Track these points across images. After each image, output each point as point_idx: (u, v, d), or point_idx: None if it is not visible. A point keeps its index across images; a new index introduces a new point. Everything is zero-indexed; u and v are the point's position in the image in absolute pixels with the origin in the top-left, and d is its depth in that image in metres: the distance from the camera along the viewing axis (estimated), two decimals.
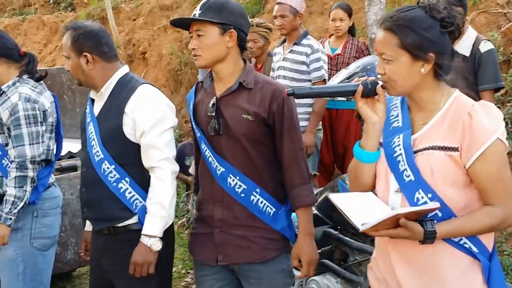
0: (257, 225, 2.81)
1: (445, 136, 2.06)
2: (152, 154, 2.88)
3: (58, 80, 5.51)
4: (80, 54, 2.96)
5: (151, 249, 2.83)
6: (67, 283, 5.32)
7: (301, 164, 2.80)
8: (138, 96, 2.92)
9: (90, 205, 3.04)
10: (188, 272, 5.39)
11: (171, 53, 9.57)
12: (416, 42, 2.04)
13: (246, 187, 2.78)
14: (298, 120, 2.85)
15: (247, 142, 2.77)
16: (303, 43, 5.08)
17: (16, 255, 3.41)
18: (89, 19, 11.54)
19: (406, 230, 1.97)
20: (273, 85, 2.80)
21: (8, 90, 3.39)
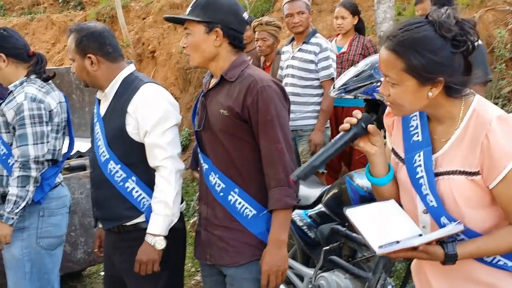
0: (234, 227, 2.71)
1: (465, 158, 1.94)
2: (156, 153, 2.88)
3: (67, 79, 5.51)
4: (84, 56, 2.98)
5: (155, 247, 2.84)
6: (77, 283, 5.33)
7: (277, 164, 2.61)
8: (140, 96, 2.92)
9: (99, 205, 3.07)
10: (198, 271, 5.37)
11: (181, 52, 9.55)
12: (424, 66, 1.86)
13: (225, 186, 2.69)
14: (281, 115, 2.64)
15: (225, 138, 2.67)
16: (311, 41, 5.08)
17: (23, 254, 3.41)
18: (98, 18, 11.59)
19: (426, 253, 1.94)
20: (251, 77, 2.64)
21: (15, 89, 3.40)
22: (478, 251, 1.95)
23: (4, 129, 3.40)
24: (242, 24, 2.75)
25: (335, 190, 3.58)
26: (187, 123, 8.68)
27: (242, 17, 2.75)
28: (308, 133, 5.09)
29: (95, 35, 2.99)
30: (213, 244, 2.77)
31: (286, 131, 2.65)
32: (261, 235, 2.69)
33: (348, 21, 5.71)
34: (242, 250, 2.69)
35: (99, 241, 3.33)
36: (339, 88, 3.44)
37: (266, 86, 2.60)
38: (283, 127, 2.63)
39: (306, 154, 5.09)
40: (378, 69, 3.39)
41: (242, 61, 2.73)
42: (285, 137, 2.64)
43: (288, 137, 2.66)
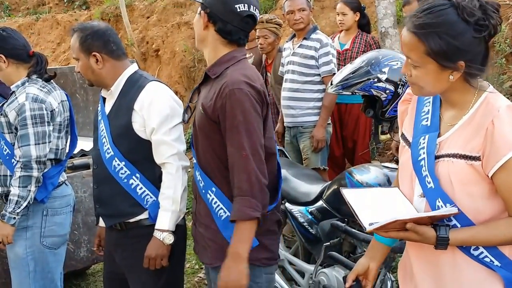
0: (212, 227, 2.64)
1: (468, 142, 1.93)
2: (162, 150, 2.92)
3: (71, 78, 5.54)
4: (89, 54, 3.00)
5: (164, 242, 2.88)
6: (81, 281, 5.35)
7: (240, 172, 2.45)
8: (146, 93, 2.96)
9: (102, 202, 3.09)
10: (201, 268, 5.40)
11: (184, 50, 9.59)
12: (444, 50, 1.84)
13: (204, 184, 2.65)
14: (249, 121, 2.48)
15: (201, 135, 2.63)
16: (312, 37, 5.10)
17: (26, 253, 3.43)
18: (103, 17, 11.62)
19: (416, 234, 1.91)
20: (225, 78, 2.52)
21: (17, 90, 3.42)
22: (472, 239, 1.93)
23: (7, 129, 3.42)
24: (231, 14, 2.58)
25: (335, 186, 3.59)
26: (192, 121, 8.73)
27: (232, 7, 2.57)
28: (309, 129, 5.11)
29: (99, 33, 3.02)
30: (198, 240, 2.78)
31: (254, 138, 2.48)
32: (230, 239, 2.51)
33: (348, 18, 5.71)
34: (216, 252, 2.60)
35: (99, 240, 3.36)
36: (336, 85, 3.44)
37: (236, 90, 2.47)
38: (250, 133, 2.47)
39: (307, 151, 5.11)
40: (374, 66, 3.40)
41: (231, 57, 2.62)
42: (252, 144, 2.47)
43: (256, 145, 2.48)
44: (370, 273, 2.30)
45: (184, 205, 2.98)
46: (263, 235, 2.61)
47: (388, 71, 3.38)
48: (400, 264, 2.29)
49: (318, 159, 5.13)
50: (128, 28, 10.41)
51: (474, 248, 1.97)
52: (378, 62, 3.40)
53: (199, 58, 9.29)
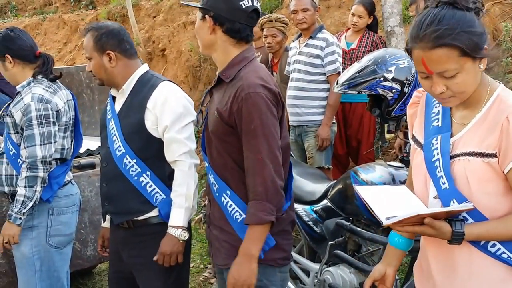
0: (227, 229, 2.64)
1: (483, 140, 1.93)
2: (174, 148, 2.95)
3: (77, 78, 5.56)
4: (103, 52, 3.02)
5: (179, 239, 2.92)
6: (87, 280, 5.35)
7: (256, 176, 2.45)
8: (159, 92, 2.98)
9: (111, 199, 3.10)
10: (206, 267, 5.41)
11: (190, 50, 9.60)
12: (475, 42, 1.85)
13: (219, 187, 2.63)
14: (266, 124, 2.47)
15: (216, 140, 2.60)
16: (318, 36, 5.10)
17: (32, 253, 3.44)
18: (109, 17, 11.67)
19: (432, 228, 1.90)
20: (240, 82, 2.50)
21: (22, 90, 3.43)
22: (487, 234, 1.93)
23: (13, 130, 3.43)
24: (237, 12, 2.55)
25: (340, 185, 3.60)
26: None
27: (237, 4, 2.55)
28: (314, 128, 5.11)
29: (114, 32, 3.05)
30: (212, 243, 2.77)
31: (271, 142, 2.48)
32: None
33: (364, 21, 5.70)
34: (231, 253, 2.57)
35: (102, 240, 3.37)
36: (342, 84, 3.45)
37: (252, 93, 2.46)
38: (267, 137, 2.47)
39: (312, 150, 5.12)
40: (381, 65, 3.40)
41: (242, 58, 2.60)
42: (269, 148, 2.47)
43: (273, 148, 2.49)
44: (387, 279, 2.28)
45: (196, 202, 3.02)
46: (278, 235, 2.62)
47: (394, 70, 3.38)
48: (416, 264, 2.28)
49: (322, 158, 5.14)
50: (135, 27, 10.44)
51: (491, 245, 1.96)
52: (384, 61, 3.40)
53: (204, 58, 9.31)
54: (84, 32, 3.09)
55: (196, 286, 5.11)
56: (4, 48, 3.44)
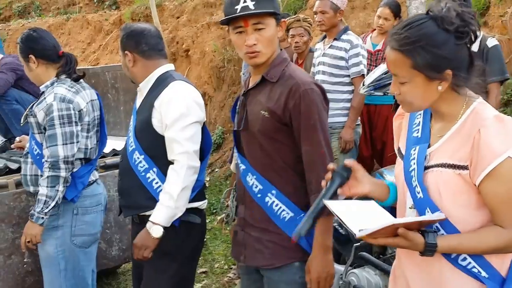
0: (271, 229, 2.64)
1: (456, 152, 1.94)
2: (173, 147, 2.98)
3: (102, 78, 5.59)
4: (124, 53, 3.16)
5: (151, 234, 2.92)
6: (112, 280, 5.39)
7: (319, 169, 2.47)
8: (167, 91, 3.04)
9: (122, 193, 3.19)
10: (231, 268, 5.42)
11: (214, 50, 9.61)
12: (430, 62, 1.88)
13: (262, 188, 2.62)
14: (323, 119, 2.55)
15: (263, 139, 2.60)
16: (343, 38, 5.07)
17: (57, 252, 3.46)
18: (133, 17, 11.72)
19: (405, 240, 1.89)
20: (293, 80, 2.53)
21: (46, 90, 3.46)
22: (459, 246, 1.92)
23: (36, 129, 3.45)
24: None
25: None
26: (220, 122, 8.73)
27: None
28: (338, 130, 5.09)
29: (133, 34, 3.14)
30: (249, 245, 2.73)
31: (327, 135, 2.57)
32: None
33: (390, 23, 5.65)
34: (278, 253, 2.63)
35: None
36: (368, 85, 3.44)
37: (308, 90, 2.50)
38: (324, 131, 2.55)
39: (335, 152, 5.07)
40: None
41: (282, 59, 2.63)
42: (327, 141, 2.56)
43: (329, 141, 2.58)
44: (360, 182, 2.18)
45: (183, 204, 2.97)
46: None
47: None
48: (392, 270, 2.28)
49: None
50: (158, 28, 10.44)
51: (462, 259, 1.96)
52: None
53: (228, 59, 9.31)
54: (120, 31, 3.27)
55: (220, 286, 5.12)
56: (28, 48, 3.47)
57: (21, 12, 16.11)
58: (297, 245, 2.61)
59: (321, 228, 2.55)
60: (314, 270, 2.56)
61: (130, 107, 5.40)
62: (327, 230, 2.57)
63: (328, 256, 2.58)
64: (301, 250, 2.62)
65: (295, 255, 2.63)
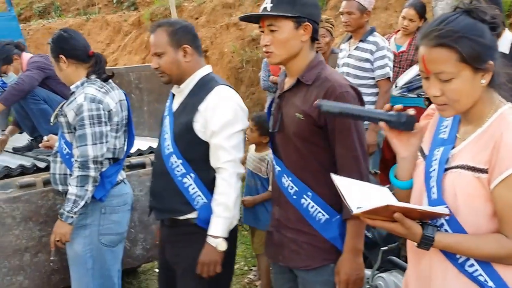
0: (306, 230, 2.66)
1: (477, 154, 1.88)
2: (219, 155, 2.93)
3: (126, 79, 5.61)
4: (178, 47, 3.01)
5: (217, 249, 2.89)
6: (132, 279, 5.42)
7: (352, 172, 2.46)
8: (213, 96, 2.96)
9: (155, 195, 3.14)
10: (251, 269, 5.42)
11: (233, 51, 9.63)
12: (477, 51, 1.82)
13: (298, 189, 2.64)
14: (358, 122, 2.56)
15: (298, 142, 2.61)
16: (368, 40, 5.02)
17: (85, 251, 3.49)
18: (152, 18, 11.77)
19: (402, 226, 1.85)
20: (329, 82, 2.55)
21: (76, 90, 3.47)
22: (456, 246, 1.88)
23: (66, 129, 3.47)
24: (319, 14, 2.71)
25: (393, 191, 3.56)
26: None
27: (319, 7, 2.70)
28: None
29: (189, 28, 3.08)
30: (286, 246, 2.74)
31: (362, 138, 2.58)
32: (333, 240, 2.63)
33: (415, 24, 5.62)
34: (313, 254, 2.66)
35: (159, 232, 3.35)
36: (401, 87, 3.42)
37: (344, 92, 2.52)
38: (359, 134, 2.56)
39: None
40: None
41: (318, 61, 2.65)
42: (361, 144, 2.56)
43: (364, 144, 2.59)
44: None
45: (238, 211, 2.98)
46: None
47: None
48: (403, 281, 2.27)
49: (369, 162, 5.08)
50: None
51: (469, 265, 1.91)
52: None
53: (247, 59, 9.33)
54: (154, 28, 3.07)
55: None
56: (59, 48, 3.49)
57: (41, 13, 16.24)
58: (333, 247, 2.63)
59: (351, 231, 2.57)
60: (344, 273, 2.57)
61: (154, 108, 5.43)
62: (358, 233, 2.58)
63: (359, 259, 2.59)
64: (336, 252, 2.63)
65: (330, 256, 2.64)
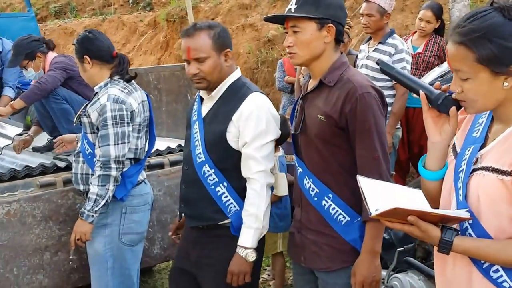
0: (327, 232, 2.66)
1: (502, 156, 1.82)
2: (250, 165, 2.91)
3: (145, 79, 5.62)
4: (222, 51, 2.95)
5: (246, 259, 2.89)
6: (148, 278, 5.44)
7: (372, 174, 2.42)
8: (246, 105, 2.93)
9: (187, 202, 3.13)
10: (265, 269, 5.43)
11: (248, 52, 9.65)
12: (496, 55, 1.74)
13: (319, 191, 2.64)
14: (379, 124, 2.54)
15: (320, 143, 2.61)
16: (388, 42, 5.02)
17: (105, 250, 3.52)
18: (168, 18, 11.80)
19: (418, 229, 1.81)
20: (350, 83, 2.54)
21: (100, 91, 3.51)
22: (476, 251, 1.83)
23: (89, 129, 3.51)
24: (344, 16, 2.69)
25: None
26: None
27: (345, 9, 2.67)
28: None
29: (227, 30, 3.05)
30: (307, 247, 2.75)
31: (383, 140, 2.56)
32: (354, 242, 2.63)
33: (432, 26, 5.64)
34: (334, 256, 2.66)
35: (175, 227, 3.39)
36: None
37: (365, 94, 2.51)
38: (380, 135, 2.54)
39: None
40: None
41: (342, 62, 2.64)
42: (382, 145, 2.55)
43: (385, 146, 2.57)
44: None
45: (267, 221, 2.97)
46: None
47: None
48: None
49: None
50: None
51: (494, 270, 1.85)
52: None
53: (262, 60, 9.35)
54: (191, 31, 2.95)
55: None
56: (83, 49, 3.53)
57: (57, 13, 16.32)
58: (353, 249, 2.63)
59: (370, 233, 2.57)
60: (360, 274, 2.57)
61: (172, 108, 5.46)
62: (377, 235, 2.58)
63: (376, 261, 2.59)
64: (356, 254, 2.62)
65: (350, 258, 2.64)
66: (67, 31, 14.45)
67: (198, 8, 11.69)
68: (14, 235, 3.71)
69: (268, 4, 10.16)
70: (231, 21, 10.69)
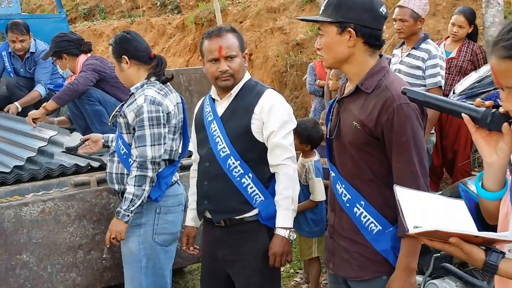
0: (358, 240, 2.57)
1: None
2: (278, 153, 3.10)
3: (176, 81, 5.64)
4: (243, 52, 3.23)
5: (289, 239, 3.06)
6: (179, 279, 5.45)
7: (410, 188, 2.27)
8: (266, 99, 3.15)
9: (212, 198, 3.20)
10: (297, 272, 5.42)
11: (277, 55, 9.65)
12: None
13: (351, 197, 2.55)
14: (417, 136, 2.42)
15: (354, 150, 2.52)
16: (421, 47, 4.94)
17: (139, 249, 3.54)
18: (196, 21, 11.85)
19: (461, 251, 1.69)
20: (388, 92, 2.42)
21: (136, 91, 3.53)
22: None
23: (125, 130, 3.53)
24: (379, 20, 2.52)
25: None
26: None
27: (379, 12, 2.50)
28: None
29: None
30: (338, 254, 2.68)
31: (422, 153, 2.44)
32: (385, 253, 2.53)
33: (464, 31, 5.60)
34: (365, 265, 2.57)
35: (187, 239, 3.49)
36: (460, 94, 3.39)
37: (403, 105, 2.38)
38: (418, 148, 2.42)
39: None
40: None
41: (381, 68, 2.52)
42: (420, 159, 2.43)
43: (423, 159, 2.45)
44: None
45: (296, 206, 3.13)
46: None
47: None
48: None
49: None
50: None
51: None
52: None
53: (291, 64, 9.34)
54: (220, 32, 3.16)
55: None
56: (122, 49, 3.56)
57: (87, 15, 16.50)
58: (385, 259, 2.54)
59: (405, 249, 2.46)
60: None
61: None
62: (413, 252, 2.46)
63: (411, 279, 2.48)
64: (389, 264, 2.54)
65: (383, 269, 2.55)
66: (96, 33, 14.60)
67: (226, 11, 11.73)
68: (48, 233, 3.74)
69: (297, 8, 10.16)
70: (260, 24, 10.71)
